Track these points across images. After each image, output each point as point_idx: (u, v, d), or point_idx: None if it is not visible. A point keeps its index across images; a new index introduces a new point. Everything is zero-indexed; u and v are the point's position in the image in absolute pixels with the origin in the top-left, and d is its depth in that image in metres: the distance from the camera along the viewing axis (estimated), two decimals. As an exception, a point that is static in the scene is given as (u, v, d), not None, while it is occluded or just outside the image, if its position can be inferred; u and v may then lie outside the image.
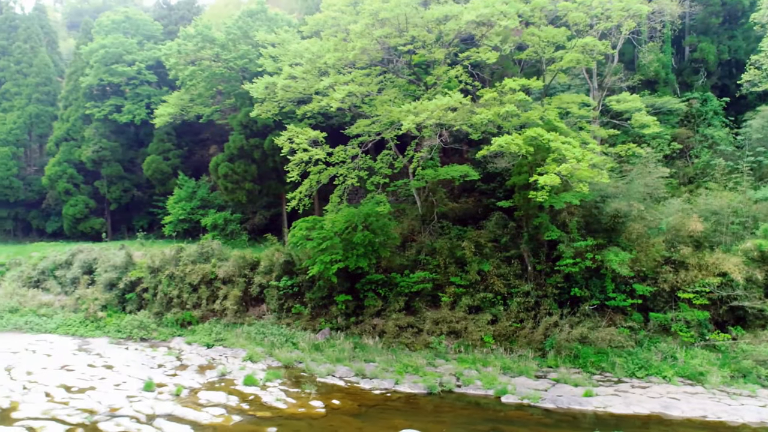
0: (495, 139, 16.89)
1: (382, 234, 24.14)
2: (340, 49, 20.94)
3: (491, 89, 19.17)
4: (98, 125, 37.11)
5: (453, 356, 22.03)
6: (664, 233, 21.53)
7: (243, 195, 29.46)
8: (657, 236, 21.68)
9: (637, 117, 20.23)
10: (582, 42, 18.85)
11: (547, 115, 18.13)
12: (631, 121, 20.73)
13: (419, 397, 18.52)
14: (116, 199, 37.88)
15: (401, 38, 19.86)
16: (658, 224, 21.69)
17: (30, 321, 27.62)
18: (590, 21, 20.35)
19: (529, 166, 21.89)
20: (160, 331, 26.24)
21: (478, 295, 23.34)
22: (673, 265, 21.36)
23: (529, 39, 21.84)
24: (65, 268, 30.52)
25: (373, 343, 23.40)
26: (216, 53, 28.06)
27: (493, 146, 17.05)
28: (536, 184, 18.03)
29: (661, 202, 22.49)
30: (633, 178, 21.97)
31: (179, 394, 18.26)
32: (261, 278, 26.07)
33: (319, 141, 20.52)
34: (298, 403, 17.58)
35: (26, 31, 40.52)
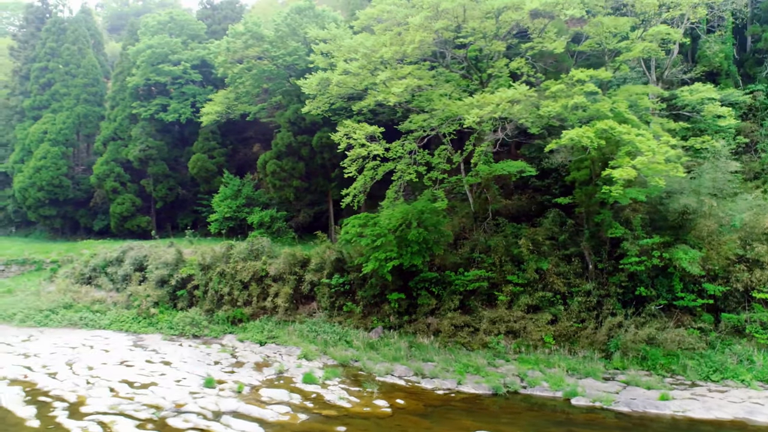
0: (566, 132, 16.29)
1: (436, 231, 23.71)
2: (395, 43, 20.56)
3: (556, 81, 18.55)
4: (144, 124, 37.57)
5: (512, 356, 21.47)
6: (737, 230, 20.57)
7: (291, 192, 29.38)
8: (729, 234, 20.73)
9: (711, 108, 19.35)
10: (655, 30, 18.09)
11: (616, 107, 17.43)
12: (703, 113, 19.84)
13: (484, 398, 18.03)
14: (162, 198, 38.29)
15: (460, 30, 19.38)
16: (731, 221, 20.73)
17: (84, 317, 28.01)
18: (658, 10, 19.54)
19: (594, 161, 21.21)
20: (211, 328, 26.30)
21: (536, 294, 22.71)
22: (747, 263, 20.37)
23: (591, 30, 21.14)
24: (116, 265, 30.90)
25: (429, 342, 22.98)
26: (265, 50, 28.00)
27: (563, 140, 16.46)
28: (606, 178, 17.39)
29: (730, 198, 21.49)
30: (701, 173, 21.05)
31: (241, 391, 18.14)
32: (312, 276, 25.91)
33: (376, 136, 20.20)
34: (362, 402, 17.27)
35: (74, 33, 41.31)
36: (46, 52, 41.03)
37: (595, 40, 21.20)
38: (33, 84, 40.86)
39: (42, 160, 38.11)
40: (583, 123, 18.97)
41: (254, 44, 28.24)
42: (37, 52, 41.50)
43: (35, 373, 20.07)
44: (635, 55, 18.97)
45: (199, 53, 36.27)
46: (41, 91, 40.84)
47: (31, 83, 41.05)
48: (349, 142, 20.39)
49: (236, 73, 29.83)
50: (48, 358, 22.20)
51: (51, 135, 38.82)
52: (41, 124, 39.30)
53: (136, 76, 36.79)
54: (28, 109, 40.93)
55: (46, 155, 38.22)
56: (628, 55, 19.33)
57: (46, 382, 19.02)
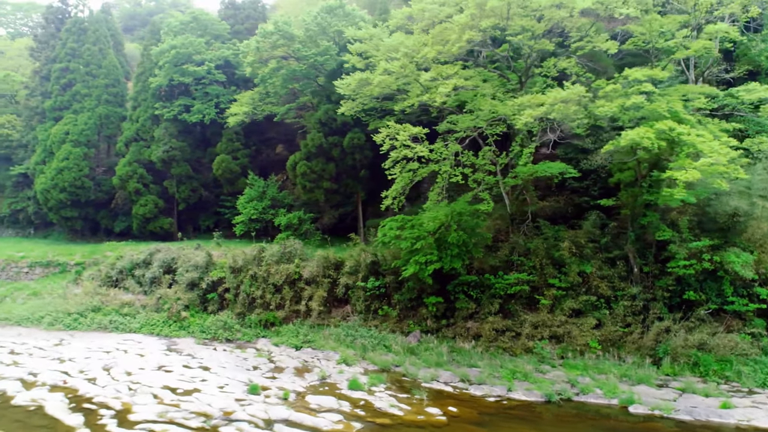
0: (625, 134, 15.87)
1: (474, 234, 23.30)
2: (438, 43, 20.15)
3: (607, 81, 18.11)
4: (167, 125, 37.25)
5: (557, 362, 21.06)
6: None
7: (321, 194, 29.00)
8: (782, 236, 20.29)
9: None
10: (713, 28, 17.64)
11: (672, 106, 16.99)
12: (760, 113, 19.38)
13: (537, 405, 17.62)
14: (184, 199, 37.97)
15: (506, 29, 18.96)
16: (783, 223, 20.29)
17: (114, 320, 27.69)
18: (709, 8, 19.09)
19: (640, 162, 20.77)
20: (243, 332, 25.95)
21: (580, 298, 22.28)
22: (803, 267, 19.93)
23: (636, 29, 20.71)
24: (143, 267, 30.57)
25: (470, 347, 22.59)
26: (296, 50, 27.61)
27: (623, 141, 16.03)
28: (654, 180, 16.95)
29: (784, 201, 21.03)
30: (753, 174, 20.58)
31: (287, 398, 17.75)
32: (347, 279, 25.52)
33: (419, 137, 19.78)
34: (413, 410, 16.87)
35: (95, 33, 41.01)
36: (67, 53, 40.75)
37: (641, 39, 20.73)
38: (54, 85, 40.58)
39: (64, 162, 37.83)
40: (634, 123, 18.55)
41: (284, 44, 27.87)
42: (57, 53, 41.23)
43: (74, 379, 19.71)
44: (690, 53, 18.54)
45: (223, 53, 35.93)
46: (62, 92, 40.57)
47: (52, 84, 40.77)
48: (392, 143, 19.97)
49: (266, 74, 29.45)
50: (84, 362, 21.86)
51: (73, 136, 38.53)
52: (63, 125, 39.02)
53: (159, 76, 36.48)
54: (49, 110, 40.66)
55: (68, 156, 37.95)
56: (682, 54, 18.88)
57: (87, 388, 18.65)
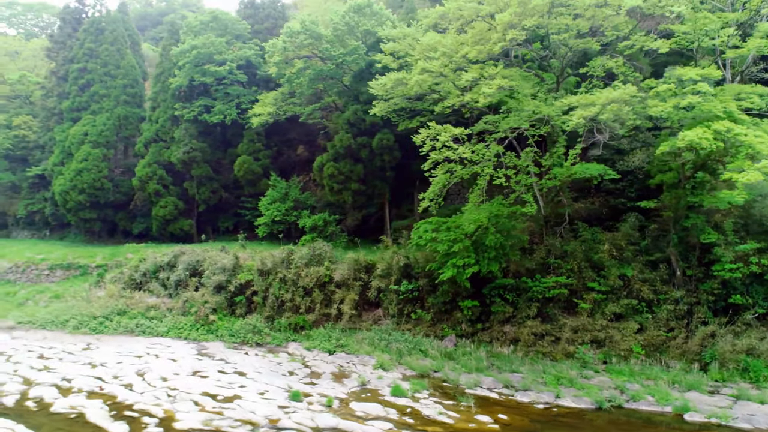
0: (683, 134, 15.46)
1: (511, 236, 22.90)
2: (478, 42, 19.75)
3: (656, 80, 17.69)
4: (187, 126, 36.90)
5: (600, 367, 20.65)
6: None
7: (348, 195, 28.61)
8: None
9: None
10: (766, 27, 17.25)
11: (728, 106, 16.58)
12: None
13: (587, 413, 17.20)
14: (205, 200, 37.61)
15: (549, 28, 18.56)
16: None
17: (140, 324, 27.31)
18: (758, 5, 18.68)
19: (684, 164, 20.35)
20: (273, 336, 25.56)
21: (621, 302, 21.86)
22: None
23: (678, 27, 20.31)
24: (167, 270, 30.21)
25: (509, 351, 22.19)
26: (324, 49, 27.24)
27: (680, 142, 15.62)
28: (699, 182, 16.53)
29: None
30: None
31: (330, 405, 17.37)
32: (379, 282, 25.14)
33: (460, 138, 19.39)
34: (463, 418, 16.47)
35: (112, 33, 40.68)
36: (85, 53, 40.43)
37: (684, 38, 20.31)
38: (72, 85, 40.25)
39: (83, 163, 37.49)
40: (682, 124, 18.15)
41: (312, 43, 27.50)
42: (75, 53, 40.90)
43: (110, 385, 19.32)
44: (744, 52, 18.12)
45: (245, 53, 35.56)
46: (80, 93, 40.23)
47: (70, 84, 40.44)
48: (432, 144, 19.58)
49: (293, 74, 29.08)
50: (117, 367, 21.49)
51: (92, 137, 38.19)
52: (81, 126, 38.68)
53: (179, 77, 36.13)
54: (67, 111, 40.33)
55: (87, 157, 37.60)
56: (733, 53, 18.46)
57: (125, 394, 18.27)
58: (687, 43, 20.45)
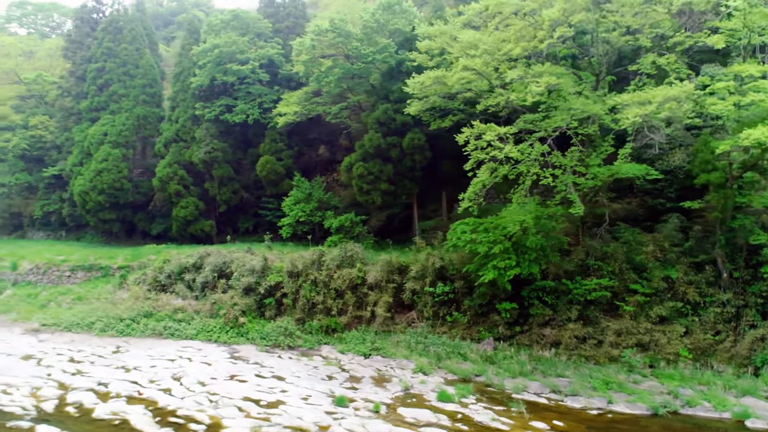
0: (747, 132, 15.03)
1: (550, 237, 22.47)
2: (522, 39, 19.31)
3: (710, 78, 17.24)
4: (208, 126, 36.48)
5: (646, 371, 20.19)
6: None
7: (378, 196, 28.17)
8: None
9: None
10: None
11: (788, 104, 16.14)
12: None
13: (642, 419, 16.76)
14: (225, 201, 37.18)
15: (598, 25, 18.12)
16: None
17: (168, 326, 26.91)
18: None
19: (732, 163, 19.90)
20: (305, 339, 25.15)
21: (666, 304, 21.42)
22: None
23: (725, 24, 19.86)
24: (193, 271, 29.79)
25: (550, 355, 21.76)
26: (354, 48, 26.81)
27: (744, 140, 15.18)
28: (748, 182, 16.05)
29: None
30: None
31: (378, 411, 16.94)
32: (413, 284, 24.70)
33: (504, 137, 18.95)
34: (517, 424, 16.03)
35: (131, 33, 40.30)
36: (103, 52, 40.03)
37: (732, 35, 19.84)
38: (90, 85, 39.85)
39: (103, 163, 37.09)
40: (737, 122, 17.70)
41: (342, 42, 27.07)
42: (93, 53, 40.50)
43: (148, 390, 18.89)
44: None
45: (267, 52, 35.13)
46: (98, 92, 39.84)
47: (88, 84, 40.04)
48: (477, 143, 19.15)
49: (322, 72, 28.64)
50: (151, 371, 21.06)
51: (111, 137, 37.78)
52: (101, 126, 38.28)
53: (199, 76, 35.72)
54: (85, 111, 39.93)
55: (107, 158, 37.20)
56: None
57: (165, 399, 17.84)
58: (734, 40, 19.99)
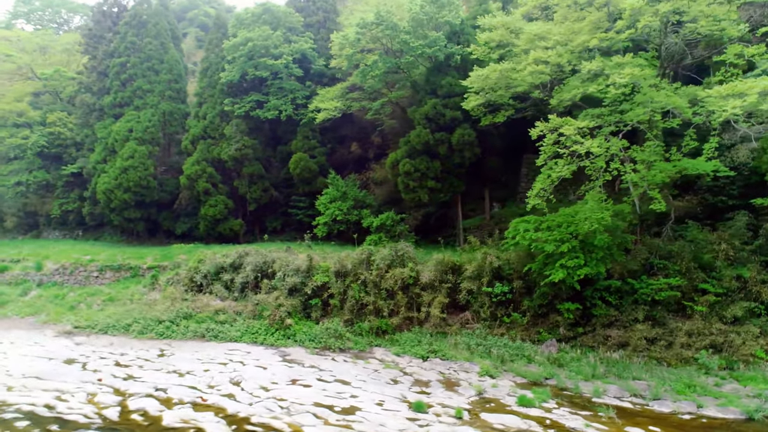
0: None
1: (616, 236, 21.79)
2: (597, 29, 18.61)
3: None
4: (238, 122, 35.57)
5: (724, 373, 19.55)
6: None
7: (425, 193, 27.40)
8: None
9: None
10: None
11: None
12: None
13: (738, 424, 16.08)
14: (255, 199, 36.30)
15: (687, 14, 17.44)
16: None
17: (211, 328, 26.00)
18: None
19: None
20: (355, 341, 24.33)
21: (739, 304, 20.80)
22: None
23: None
24: (231, 271, 28.89)
25: (618, 356, 21.07)
26: (403, 41, 26.03)
27: None
28: None
29: None
30: None
31: (461, 417, 16.17)
32: (469, 284, 23.95)
33: (585, 132, 18.25)
34: (612, 430, 15.32)
35: (155, 27, 39.28)
36: (126, 47, 39.00)
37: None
38: (113, 80, 38.79)
39: (129, 160, 36.07)
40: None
41: (390, 34, 26.28)
42: (116, 47, 39.45)
43: (210, 395, 18.00)
44: None
45: (301, 47, 34.27)
46: (122, 88, 38.80)
47: (111, 80, 38.98)
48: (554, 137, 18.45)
49: (367, 66, 27.82)
50: (205, 376, 20.18)
51: (137, 133, 36.77)
52: (126, 122, 37.26)
53: (229, 71, 34.81)
54: (108, 107, 38.88)
55: (133, 155, 36.19)
56: None
57: (234, 406, 16.97)
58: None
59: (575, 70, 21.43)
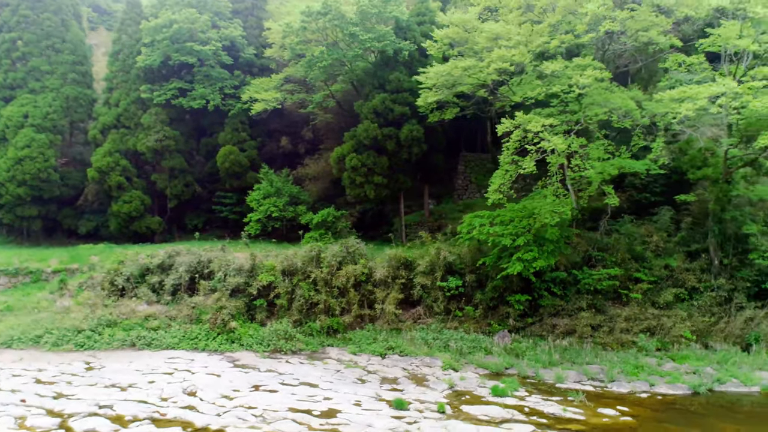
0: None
1: (563, 229, 23.02)
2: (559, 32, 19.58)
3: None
4: (158, 111, 32.69)
5: (660, 354, 21.39)
6: None
7: (371, 189, 27.01)
8: None
9: None
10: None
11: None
12: None
13: (689, 398, 17.69)
14: (177, 195, 33.58)
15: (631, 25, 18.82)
16: None
17: (142, 336, 23.57)
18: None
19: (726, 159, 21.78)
20: (306, 341, 23.37)
21: (668, 291, 22.88)
22: None
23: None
24: (159, 273, 26.44)
25: (566, 344, 22.23)
26: (351, 33, 25.40)
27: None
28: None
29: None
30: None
31: (444, 411, 16.12)
32: (423, 279, 23.98)
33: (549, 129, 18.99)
34: (589, 413, 16.06)
35: (54, 1, 34.89)
36: (18, 21, 34.19)
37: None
38: (3, 59, 33.85)
39: (25, 150, 31.62)
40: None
41: (338, 25, 25.52)
42: (4, 20, 34.45)
43: (168, 409, 16.24)
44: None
45: (231, 33, 32.26)
46: (13, 67, 34.03)
47: (0, 57, 34.02)
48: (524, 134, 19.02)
49: (315, 57, 26.74)
50: (152, 387, 18.21)
51: (35, 119, 32.38)
52: (19, 107, 32.65)
53: (151, 55, 31.90)
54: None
55: (30, 144, 31.79)
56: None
57: (201, 419, 15.45)
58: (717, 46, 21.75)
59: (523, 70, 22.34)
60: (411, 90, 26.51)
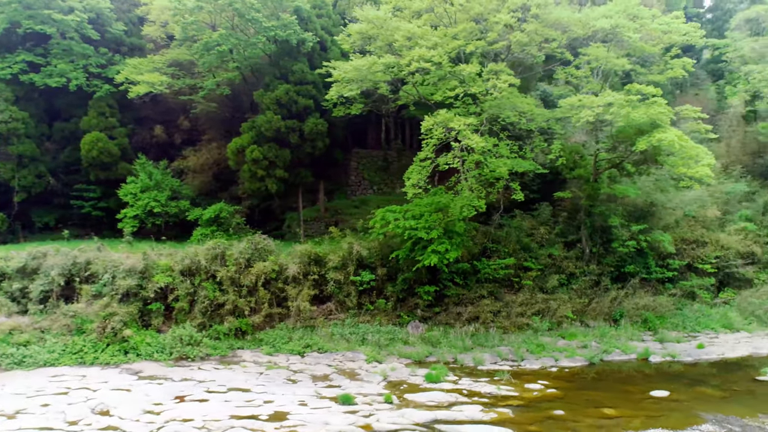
0: (659, 135, 19.60)
1: (468, 223, 24.66)
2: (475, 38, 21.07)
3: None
4: (2, 87, 27.45)
5: (552, 333, 24.03)
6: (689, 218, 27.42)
7: (273, 183, 25.87)
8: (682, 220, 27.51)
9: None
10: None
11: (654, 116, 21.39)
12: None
13: (588, 368, 20.29)
14: (26, 187, 28.37)
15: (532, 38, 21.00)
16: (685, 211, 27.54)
17: (9, 354, 19.64)
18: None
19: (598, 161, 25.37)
20: (213, 346, 21.67)
21: (553, 277, 25.76)
22: (694, 244, 27.34)
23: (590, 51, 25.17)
24: (20, 278, 22.28)
25: (471, 330, 23.80)
26: (254, 18, 23.92)
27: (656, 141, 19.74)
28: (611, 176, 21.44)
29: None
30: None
31: (392, 401, 16.36)
32: (335, 274, 23.73)
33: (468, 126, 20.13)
34: (520, 389, 17.55)
35: None
36: None
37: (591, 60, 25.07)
38: None
39: None
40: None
41: (238, 9, 23.86)
42: None
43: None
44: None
45: (98, 4, 28.24)
46: None
47: None
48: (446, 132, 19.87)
49: (212, 40, 24.56)
50: (48, 411, 15.42)
51: None
52: None
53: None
54: None
55: None
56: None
57: (134, 440, 13.61)
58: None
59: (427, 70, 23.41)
60: (314, 83, 26.08)
